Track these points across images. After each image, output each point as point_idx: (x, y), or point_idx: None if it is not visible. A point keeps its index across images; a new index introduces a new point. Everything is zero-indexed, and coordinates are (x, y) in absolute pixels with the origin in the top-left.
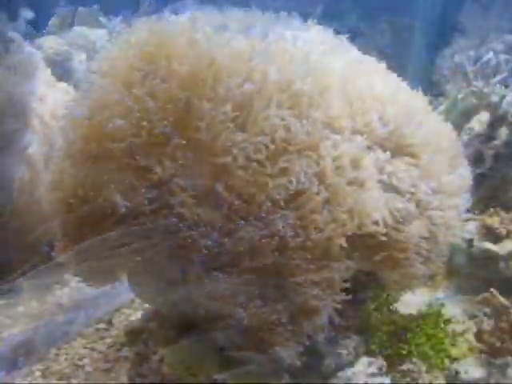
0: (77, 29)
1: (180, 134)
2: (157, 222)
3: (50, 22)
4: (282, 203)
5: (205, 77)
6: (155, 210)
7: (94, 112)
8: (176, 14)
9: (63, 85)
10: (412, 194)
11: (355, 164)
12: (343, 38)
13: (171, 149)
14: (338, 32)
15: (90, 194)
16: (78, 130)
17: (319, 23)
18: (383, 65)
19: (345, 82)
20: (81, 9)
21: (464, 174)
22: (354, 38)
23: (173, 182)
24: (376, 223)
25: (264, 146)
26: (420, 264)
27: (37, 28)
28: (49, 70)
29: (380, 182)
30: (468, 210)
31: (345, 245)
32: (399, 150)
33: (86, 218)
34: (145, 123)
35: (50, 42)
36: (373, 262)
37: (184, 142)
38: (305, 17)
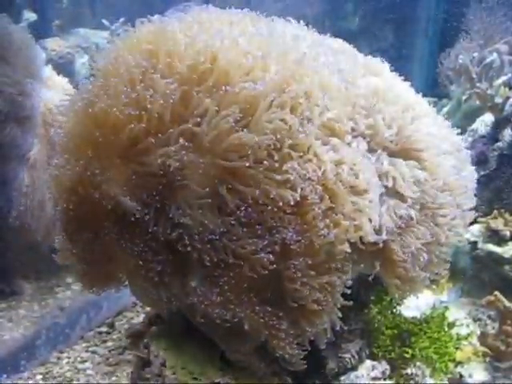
0: (79, 31)
1: (179, 128)
2: (158, 226)
3: (53, 24)
4: (287, 209)
5: (205, 72)
6: (156, 209)
7: (94, 101)
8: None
9: (62, 80)
10: (415, 198)
11: (356, 169)
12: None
13: (172, 141)
14: (339, 34)
15: (89, 191)
16: (77, 120)
17: (322, 25)
18: (387, 66)
19: (347, 83)
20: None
21: (468, 176)
22: (356, 39)
23: (174, 180)
24: (376, 232)
25: (268, 147)
26: (421, 268)
27: (39, 30)
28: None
29: (383, 186)
30: (471, 211)
31: (349, 250)
32: (403, 152)
33: (85, 217)
34: (144, 113)
35: (53, 44)
36: (374, 267)
37: (183, 135)
38: (305, 18)
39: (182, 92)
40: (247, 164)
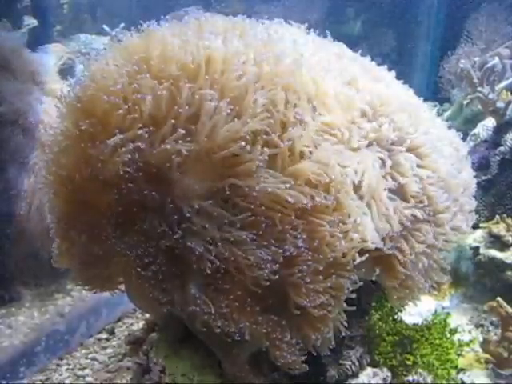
0: (80, 36)
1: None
2: (157, 228)
3: (54, 29)
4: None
5: (196, 71)
6: (154, 210)
7: (83, 94)
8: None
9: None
10: (418, 198)
11: (360, 175)
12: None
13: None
14: (341, 38)
15: (86, 175)
16: (68, 111)
17: (323, 29)
18: (390, 72)
19: (350, 88)
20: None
21: (468, 179)
22: (357, 43)
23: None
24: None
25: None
26: (421, 274)
27: (40, 35)
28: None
29: (386, 189)
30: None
31: (359, 260)
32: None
33: (82, 213)
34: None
35: (53, 50)
36: (375, 272)
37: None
38: (306, 23)
39: (172, 88)
40: (244, 148)
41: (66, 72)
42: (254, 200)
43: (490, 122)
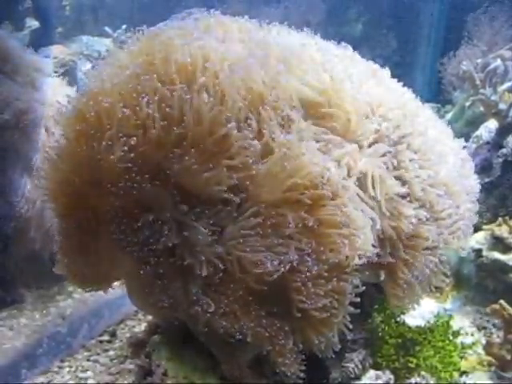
0: (82, 38)
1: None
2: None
3: (56, 31)
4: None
5: (194, 73)
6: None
7: (85, 97)
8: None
9: (67, 88)
10: (421, 201)
11: (365, 179)
12: (348, 46)
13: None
14: (342, 40)
15: (85, 178)
16: (69, 117)
17: (325, 31)
18: (388, 72)
19: (351, 88)
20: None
21: (471, 183)
22: (359, 45)
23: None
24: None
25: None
26: (420, 280)
27: (42, 37)
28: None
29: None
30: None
31: (359, 263)
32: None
33: (83, 214)
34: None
35: (55, 52)
36: (378, 276)
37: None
38: (308, 25)
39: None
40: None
41: (67, 74)
42: (254, 181)
43: (492, 124)
